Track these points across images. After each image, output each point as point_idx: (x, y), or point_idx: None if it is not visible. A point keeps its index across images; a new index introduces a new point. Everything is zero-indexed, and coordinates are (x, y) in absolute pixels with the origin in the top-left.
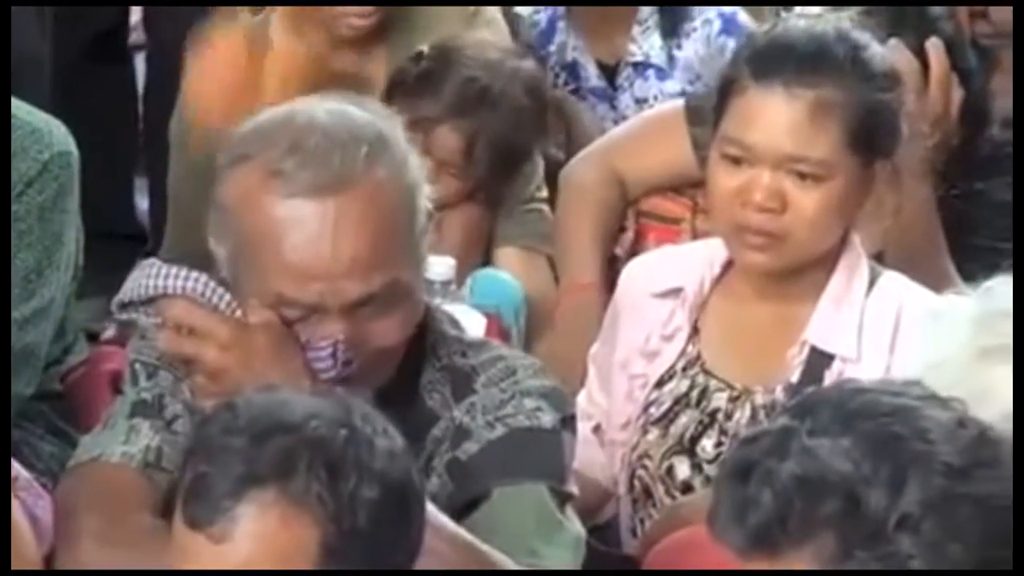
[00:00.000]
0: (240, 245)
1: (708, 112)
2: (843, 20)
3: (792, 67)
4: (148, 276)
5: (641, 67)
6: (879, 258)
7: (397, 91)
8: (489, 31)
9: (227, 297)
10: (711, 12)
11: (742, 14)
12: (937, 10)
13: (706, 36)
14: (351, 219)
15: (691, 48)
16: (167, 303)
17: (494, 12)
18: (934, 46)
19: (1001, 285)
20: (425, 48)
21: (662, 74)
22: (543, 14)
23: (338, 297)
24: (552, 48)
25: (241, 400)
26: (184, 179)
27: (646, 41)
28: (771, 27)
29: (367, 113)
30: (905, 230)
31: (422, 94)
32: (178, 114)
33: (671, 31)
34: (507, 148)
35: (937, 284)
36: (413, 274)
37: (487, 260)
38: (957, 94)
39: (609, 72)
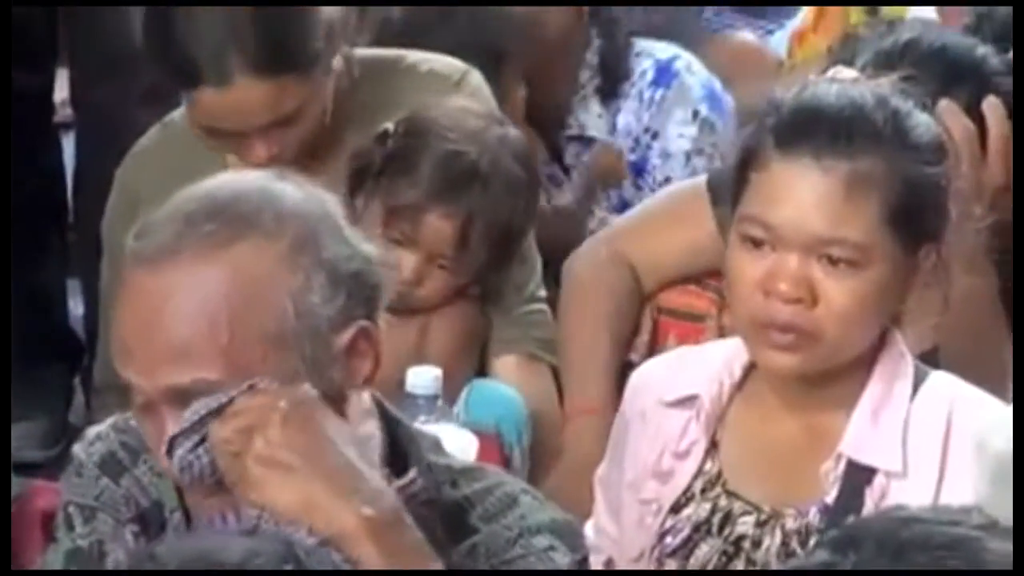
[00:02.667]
0: None
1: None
2: (882, 84)
3: (823, 136)
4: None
5: (585, 141)
6: (932, 357)
7: (363, 178)
8: (471, 100)
9: None
10: (646, 61)
11: (682, 60)
12: (995, 65)
13: (639, 91)
14: (171, 296)
15: (628, 109)
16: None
17: (479, 80)
18: (992, 107)
19: None
20: (390, 125)
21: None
22: None
23: (152, 384)
24: None
25: (164, 547)
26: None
27: (584, 110)
28: (799, 91)
29: (301, 195)
30: (960, 325)
31: (396, 177)
32: (111, 208)
33: (610, 93)
34: (503, 230)
35: (999, 385)
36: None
37: (482, 369)
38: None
39: (556, 152)
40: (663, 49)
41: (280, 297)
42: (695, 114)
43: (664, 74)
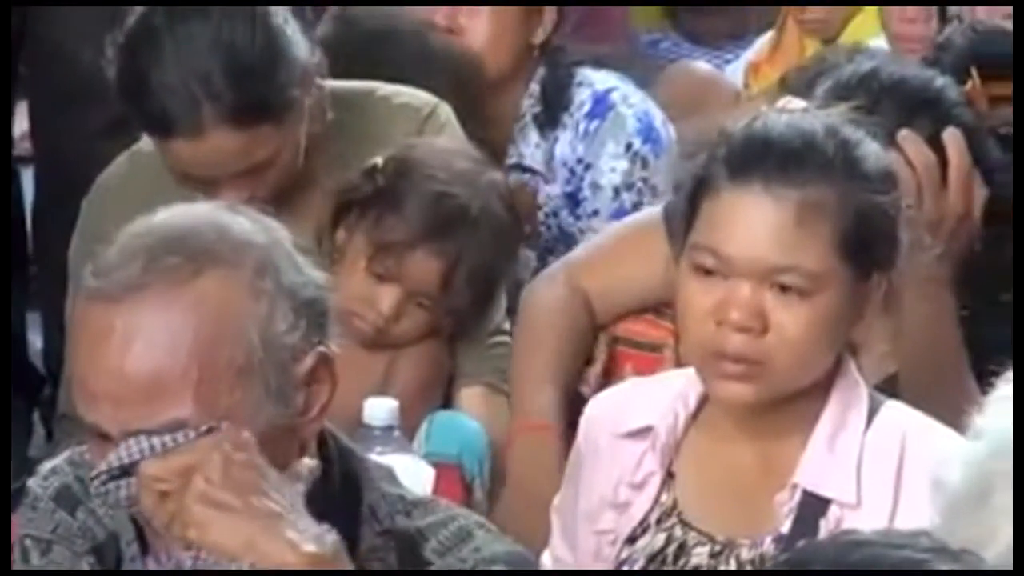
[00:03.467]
0: None
1: None
2: (832, 115)
3: (774, 165)
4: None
5: (524, 171)
6: (892, 384)
7: (349, 213)
8: (445, 136)
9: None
10: (584, 92)
11: (620, 91)
12: (954, 97)
13: (576, 123)
14: (138, 334)
15: (565, 140)
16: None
17: (448, 114)
18: (952, 137)
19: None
20: (379, 161)
21: (544, 178)
22: None
23: (120, 427)
24: None
25: None
26: None
27: (524, 140)
28: (749, 121)
29: (250, 224)
30: (919, 353)
31: (385, 214)
32: (78, 239)
33: (549, 123)
34: (487, 273)
35: (957, 412)
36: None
37: (446, 400)
38: (980, 192)
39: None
40: (603, 79)
41: (246, 327)
42: (628, 147)
43: (600, 105)
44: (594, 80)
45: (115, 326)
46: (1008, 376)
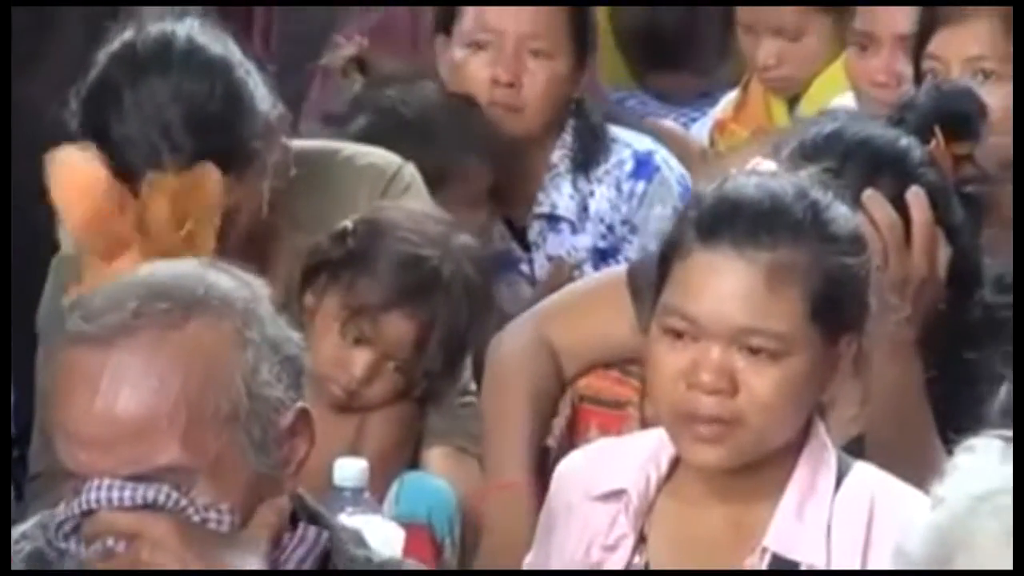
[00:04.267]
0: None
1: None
2: (802, 177)
3: (744, 227)
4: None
5: (552, 220)
6: (857, 445)
7: (318, 277)
8: (410, 197)
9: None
10: (625, 151)
11: (660, 153)
12: (918, 156)
13: (616, 180)
14: (127, 376)
15: (603, 195)
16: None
17: (412, 174)
18: (916, 196)
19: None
20: (349, 224)
21: (573, 227)
22: None
23: (107, 469)
24: None
25: None
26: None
27: (556, 189)
28: (719, 184)
29: (233, 280)
30: (884, 415)
31: (357, 277)
32: (47, 298)
33: (584, 175)
34: (460, 337)
35: (924, 473)
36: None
37: (414, 461)
38: (944, 251)
39: (519, 231)
40: (639, 140)
41: (234, 376)
42: (674, 210)
43: (644, 167)
44: (630, 140)
45: (105, 369)
46: (968, 443)
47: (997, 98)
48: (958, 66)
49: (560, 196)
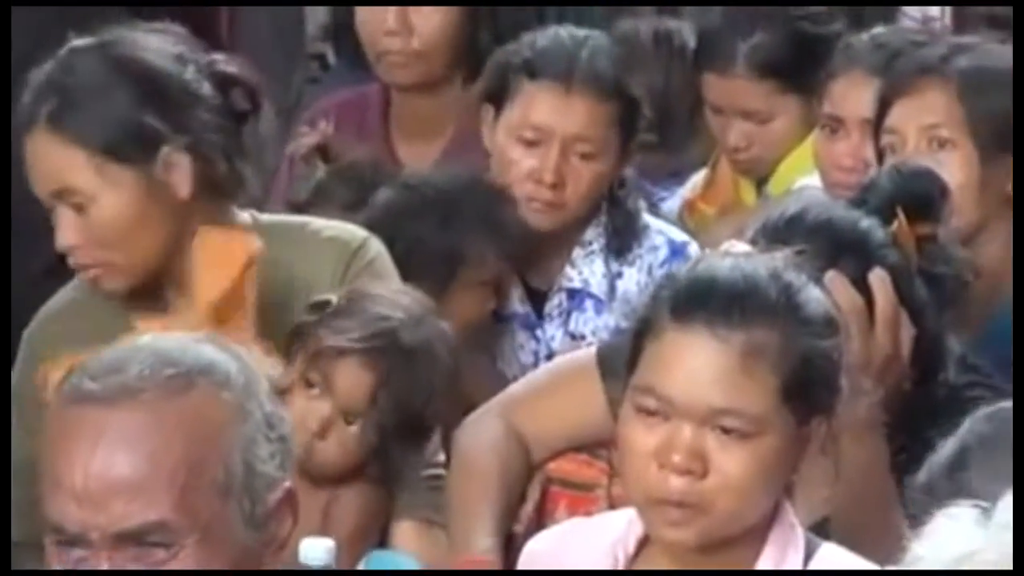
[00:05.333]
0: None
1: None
2: (776, 258)
3: (717, 307)
4: None
5: (579, 296)
6: (823, 527)
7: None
8: (374, 271)
9: None
10: (659, 238)
11: (695, 246)
12: (880, 238)
13: (648, 265)
14: (129, 434)
15: (633, 278)
16: None
17: (378, 248)
18: (879, 278)
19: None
20: (332, 298)
21: (601, 306)
22: None
23: (100, 522)
24: None
25: None
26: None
27: (588, 266)
28: (693, 264)
29: (224, 352)
30: (850, 496)
31: (322, 328)
32: (19, 368)
33: (617, 254)
34: (416, 410)
35: (889, 555)
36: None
37: (383, 538)
38: (907, 332)
39: (538, 298)
40: (675, 231)
41: (232, 448)
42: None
43: (678, 256)
44: (666, 229)
45: (107, 427)
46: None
47: (955, 167)
48: (914, 136)
49: (593, 274)
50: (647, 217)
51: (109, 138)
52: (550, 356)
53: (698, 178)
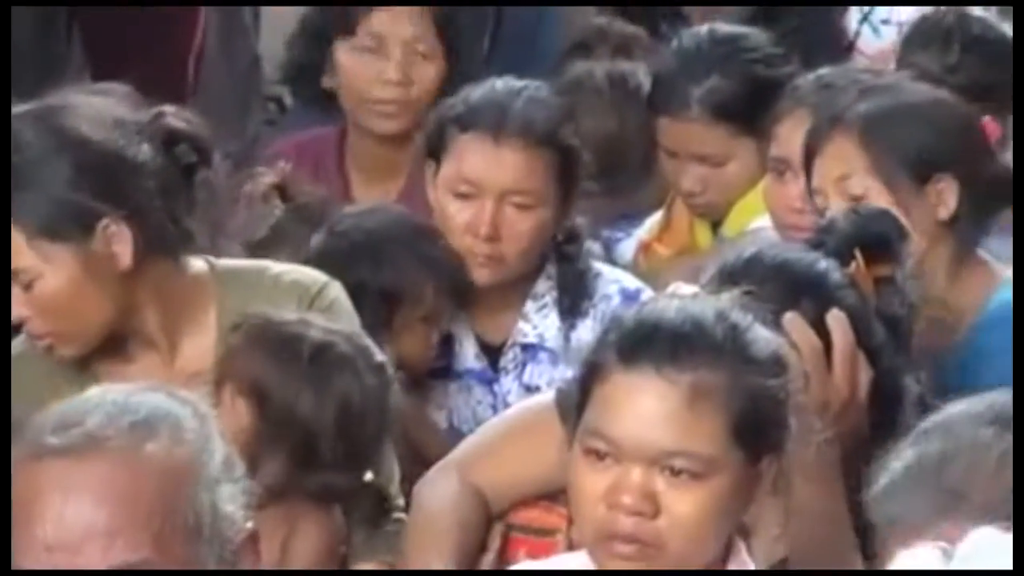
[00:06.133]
0: None
1: None
2: (722, 299)
3: (665, 349)
4: None
5: (532, 349)
6: (782, 567)
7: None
8: (333, 315)
9: None
10: (612, 287)
11: (646, 292)
12: (838, 279)
13: (602, 314)
14: (102, 483)
15: (588, 328)
16: None
17: (338, 291)
18: (837, 320)
19: None
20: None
21: (555, 358)
22: None
23: (69, 565)
24: None
25: None
26: None
27: (542, 320)
28: (640, 306)
29: (176, 399)
30: (807, 536)
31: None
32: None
33: (570, 310)
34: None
35: None
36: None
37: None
38: (865, 373)
39: (493, 352)
40: (628, 278)
41: (199, 490)
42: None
43: (631, 303)
44: (619, 276)
45: (76, 479)
46: (910, 551)
47: None
48: (832, 192)
49: (548, 328)
50: (599, 265)
51: (45, 219)
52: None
53: (654, 220)
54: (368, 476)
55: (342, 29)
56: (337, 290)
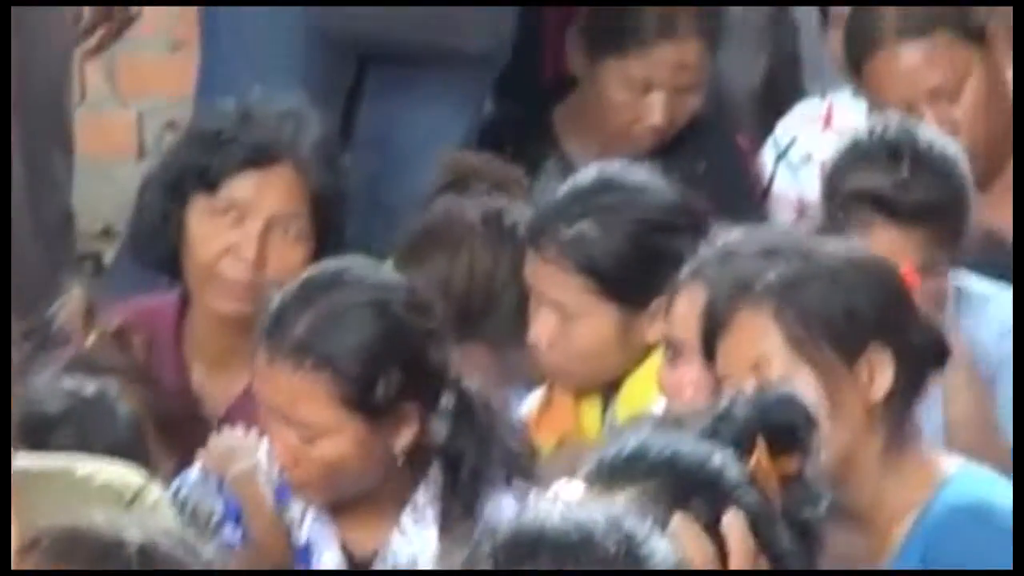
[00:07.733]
0: None
1: None
2: (615, 503)
3: (548, 564)
4: None
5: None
6: None
7: None
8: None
9: None
10: None
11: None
12: (735, 476)
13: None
14: None
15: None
16: None
17: (157, 494)
18: (733, 523)
19: None
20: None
21: None
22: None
23: None
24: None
25: None
26: None
27: (419, 535)
28: (519, 513)
29: None
30: None
31: None
32: None
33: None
34: None
35: None
36: None
37: None
38: None
39: (354, 566)
40: None
41: None
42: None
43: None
44: None
45: None
46: None
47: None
48: (744, 376)
49: (425, 542)
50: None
51: None
52: None
53: (534, 397)
54: None
55: (201, 183)
56: (156, 492)
